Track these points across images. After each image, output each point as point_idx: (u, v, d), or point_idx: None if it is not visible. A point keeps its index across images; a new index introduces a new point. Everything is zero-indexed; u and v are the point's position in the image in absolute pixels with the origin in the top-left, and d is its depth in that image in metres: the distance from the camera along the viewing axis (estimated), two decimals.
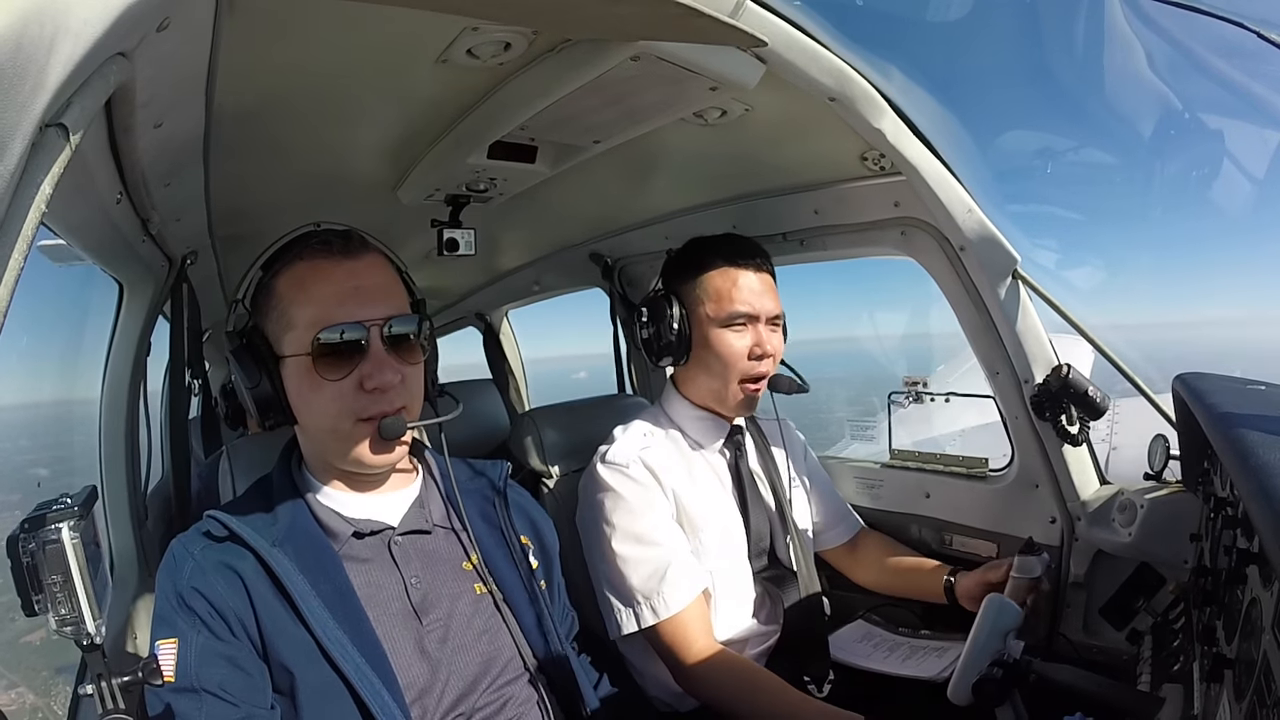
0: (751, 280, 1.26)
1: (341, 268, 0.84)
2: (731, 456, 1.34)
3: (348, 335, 0.81)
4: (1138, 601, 1.18)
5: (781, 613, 1.25)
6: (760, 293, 1.26)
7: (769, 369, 1.28)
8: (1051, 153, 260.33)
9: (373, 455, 0.85)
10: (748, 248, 1.29)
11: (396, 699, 0.78)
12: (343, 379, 0.82)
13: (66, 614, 0.61)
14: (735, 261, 1.26)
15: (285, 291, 0.84)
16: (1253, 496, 0.54)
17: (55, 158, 0.43)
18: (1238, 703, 0.60)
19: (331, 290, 0.83)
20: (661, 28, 0.78)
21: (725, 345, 1.25)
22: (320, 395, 0.82)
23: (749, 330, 1.25)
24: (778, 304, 1.28)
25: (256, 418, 0.86)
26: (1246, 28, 0.82)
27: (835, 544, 1.47)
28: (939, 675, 1.14)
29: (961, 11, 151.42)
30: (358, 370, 0.82)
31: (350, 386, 0.82)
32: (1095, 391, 1.18)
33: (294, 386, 0.84)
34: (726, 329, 1.25)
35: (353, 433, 0.83)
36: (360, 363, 0.82)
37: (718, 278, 1.26)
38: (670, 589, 1.14)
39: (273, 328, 0.85)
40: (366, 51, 0.87)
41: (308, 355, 0.82)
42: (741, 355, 1.25)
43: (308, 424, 0.87)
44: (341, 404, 0.82)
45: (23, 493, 2.16)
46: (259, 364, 0.83)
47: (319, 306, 0.82)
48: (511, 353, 2.85)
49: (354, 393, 0.82)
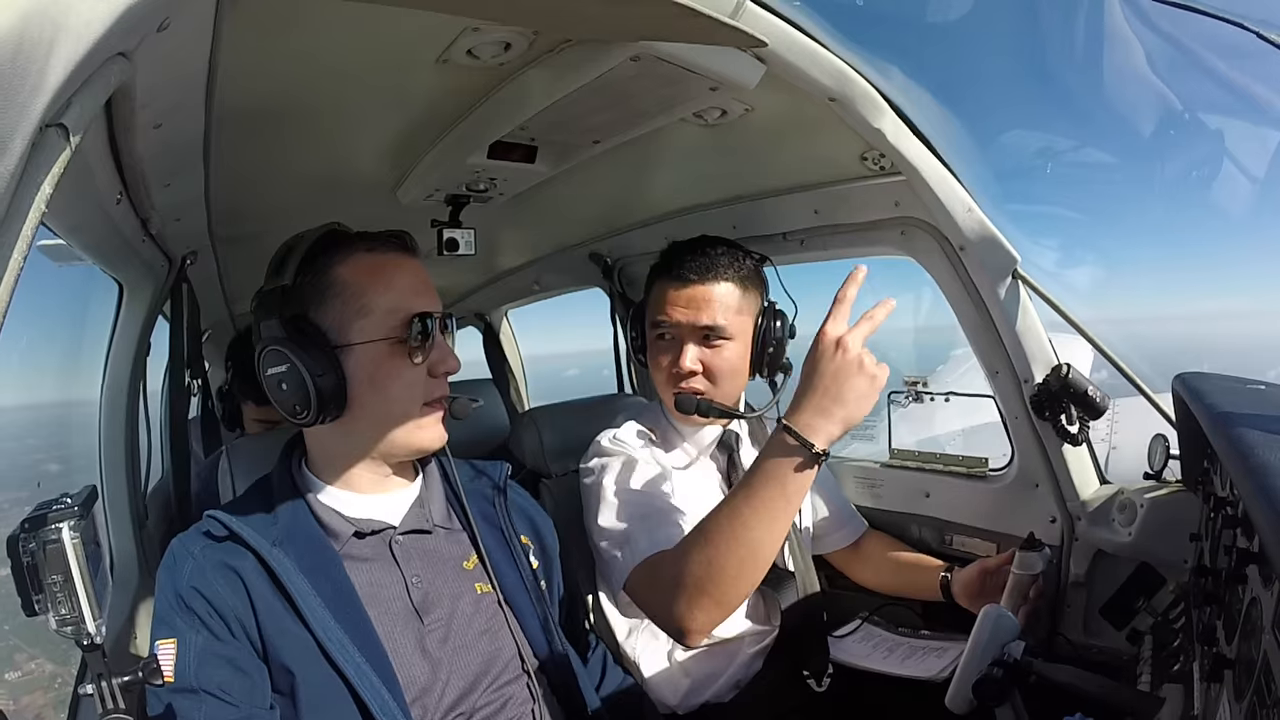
0: (679, 292, 1.22)
1: (411, 262, 0.89)
2: (724, 461, 1.33)
3: (428, 324, 0.86)
4: (1138, 601, 1.17)
5: (778, 613, 1.25)
6: (684, 305, 1.21)
7: (700, 385, 1.22)
8: (1051, 152, 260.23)
9: (438, 437, 0.90)
10: (691, 259, 1.22)
11: (397, 698, 0.78)
12: (421, 364, 0.86)
13: (67, 614, 0.61)
14: (671, 273, 1.24)
15: (357, 280, 0.84)
16: (1252, 496, 0.54)
17: (55, 158, 0.43)
18: (1237, 703, 0.60)
19: (408, 281, 0.87)
20: (661, 28, 0.78)
21: (652, 355, 1.28)
22: (398, 380, 0.85)
23: (673, 344, 1.24)
24: (719, 317, 1.20)
25: (314, 410, 0.81)
26: (1246, 28, 0.82)
27: (840, 546, 1.46)
28: (938, 675, 1.14)
29: (961, 11, 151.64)
30: (429, 359, 0.87)
31: (423, 373, 0.87)
32: (1095, 391, 1.18)
33: (365, 373, 0.83)
34: (657, 341, 1.27)
35: (421, 417, 0.87)
36: (430, 352, 0.87)
37: (657, 289, 1.27)
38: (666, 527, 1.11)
39: (334, 316, 0.84)
40: (366, 52, 0.87)
41: (390, 340, 0.84)
42: (662, 367, 1.25)
43: (375, 411, 0.85)
44: (416, 388, 0.87)
45: (25, 491, 2.16)
46: (322, 352, 0.82)
47: (399, 295, 0.86)
48: (511, 353, 2.85)
49: (425, 378, 0.87)
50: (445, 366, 0.89)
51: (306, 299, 0.84)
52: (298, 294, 0.84)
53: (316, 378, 0.80)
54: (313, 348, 0.81)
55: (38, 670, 2.42)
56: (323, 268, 0.85)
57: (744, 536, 0.90)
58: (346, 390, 0.83)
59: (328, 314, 0.84)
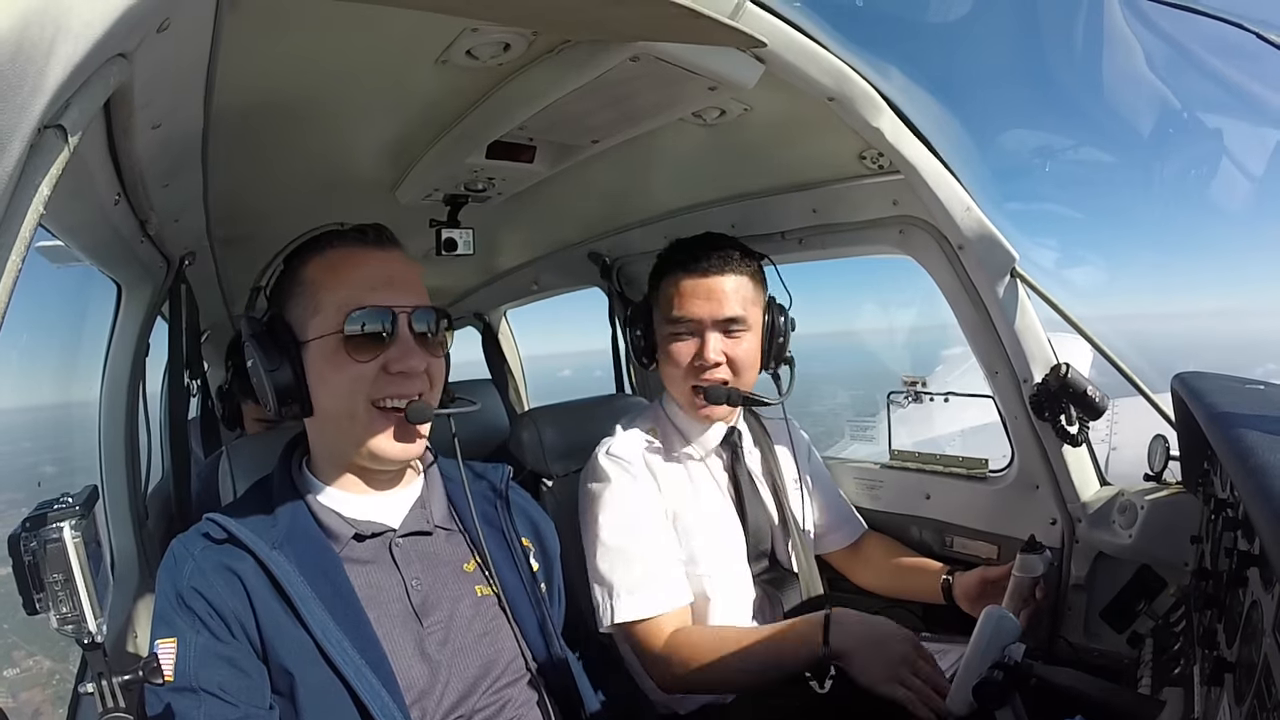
0: (696, 285, 1.23)
1: (374, 256, 0.87)
2: (728, 459, 1.34)
3: (379, 319, 0.83)
4: (1138, 604, 1.17)
5: (781, 615, 1.25)
6: (704, 298, 1.22)
7: (725, 375, 1.24)
8: (1050, 151, 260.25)
9: (395, 444, 0.85)
10: (703, 253, 1.24)
11: (396, 700, 0.78)
12: (369, 361, 0.83)
13: (68, 612, 0.61)
14: (686, 267, 1.24)
15: (315, 277, 0.85)
16: (1253, 497, 0.54)
17: (54, 159, 0.43)
18: (1238, 706, 0.60)
19: (363, 275, 0.85)
20: (661, 28, 0.78)
21: (670, 352, 1.26)
22: (342, 376, 0.83)
23: (693, 338, 1.24)
24: (738, 308, 1.22)
25: (274, 406, 0.84)
26: (1246, 28, 0.82)
27: (838, 546, 1.46)
28: None
29: (961, 11, 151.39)
30: (384, 355, 0.84)
31: (373, 370, 0.83)
32: (1094, 391, 1.18)
33: (315, 370, 0.84)
34: (673, 337, 1.25)
35: (371, 422, 0.84)
36: (387, 349, 0.84)
37: (669, 284, 1.26)
38: (652, 590, 1.15)
39: (298, 314, 0.85)
40: (366, 52, 0.87)
41: (335, 335, 0.83)
42: (684, 363, 1.24)
43: (325, 408, 0.86)
44: (361, 386, 0.83)
45: (26, 491, 2.16)
46: (281, 349, 0.83)
47: (351, 290, 0.84)
48: (510, 353, 2.84)
49: (376, 376, 0.84)
50: (400, 365, 0.83)
51: (280, 298, 0.87)
52: (275, 293, 0.88)
53: (270, 373, 0.82)
54: (272, 345, 0.83)
55: (36, 667, 2.43)
56: (294, 267, 0.87)
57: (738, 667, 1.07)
58: (306, 387, 0.84)
59: (293, 311, 0.86)
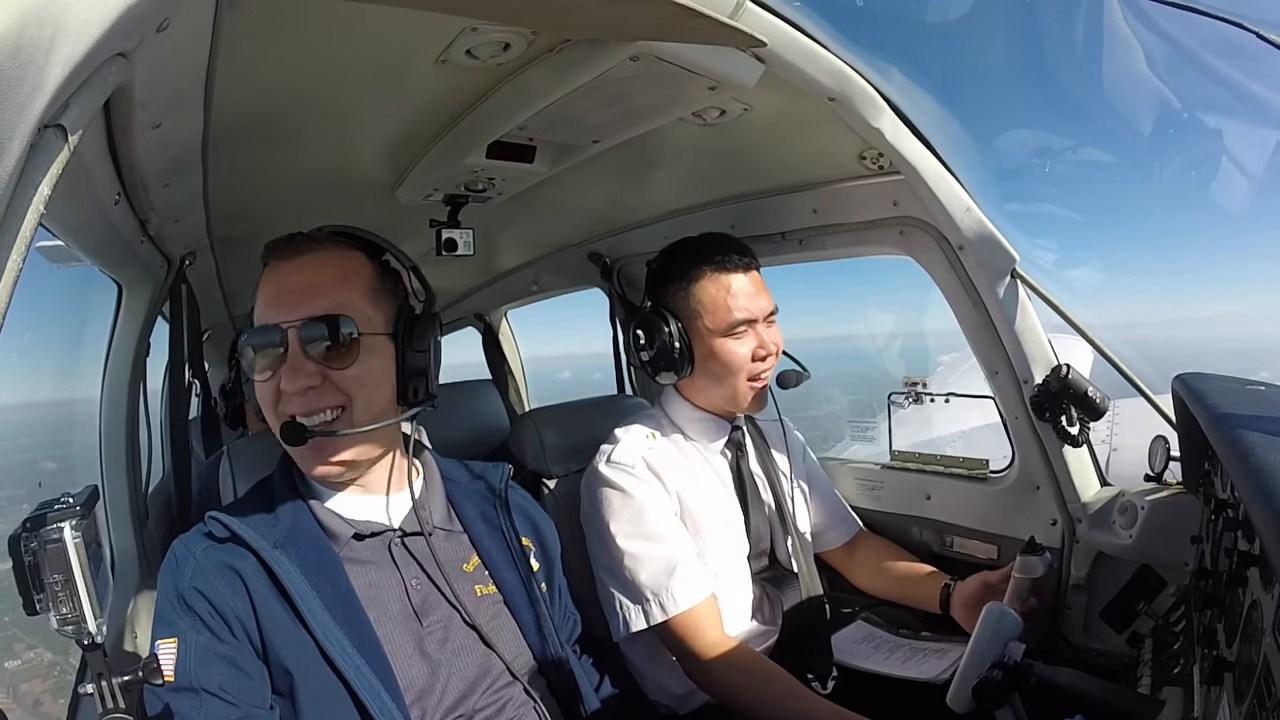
0: (744, 283, 1.24)
1: (279, 269, 0.86)
2: (733, 457, 1.34)
3: (267, 337, 0.82)
4: (1138, 604, 1.17)
5: (781, 614, 1.25)
6: (754, 294, 1.25)
7: (773, 364, 1.29)
8: (1050, 152, 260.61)
9: (312, 463, 0.85)
10: (732, 249, 1.26)
11: (396, 700, 0.78)
12: (265, 381, 0.83)
13: (68, 613, 0.61)
14: (724, 267, 1.24)
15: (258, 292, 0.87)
16: (1253, 498, 0.54)
17: (54, 159, 0.43)
18: (1238, 706, 0.60)
19: (266, 292, 0.85)
20: (661, 28, 0.78)
21: (729, 354, 1.24)
22: (258, 395, 0.85)
23: (750, 334, 1.25)
24: (770, 299, 1.28)
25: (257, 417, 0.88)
26: (1246, 28, 0.82)
27: (833, 545, 1.46)
28: (939, 677, 1.14)
29: (961, 11, 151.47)
30: (278, 372, 0.82)
31: (273, 388, 0.83)
32: (1095, 392, 1.18)
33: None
34: (729, 338, 1.24)
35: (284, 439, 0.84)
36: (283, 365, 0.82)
37: (710, 287, 1.24)
38: (680, 585, 1.14)
39: None
40: (366, 52, 0.87)
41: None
42: (746, 360, 1.25)
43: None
44: (269, 404, 0.84)
45: (26, 487, 2.16)
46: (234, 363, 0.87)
47: (261, 308, 0.85)
48: (511, 353, 2.84)
49: (274, 394, 0.83)
50: (285, 384, 0.81)
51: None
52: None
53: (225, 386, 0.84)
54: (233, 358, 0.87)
55: (36, 659, 2.44)
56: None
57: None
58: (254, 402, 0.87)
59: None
